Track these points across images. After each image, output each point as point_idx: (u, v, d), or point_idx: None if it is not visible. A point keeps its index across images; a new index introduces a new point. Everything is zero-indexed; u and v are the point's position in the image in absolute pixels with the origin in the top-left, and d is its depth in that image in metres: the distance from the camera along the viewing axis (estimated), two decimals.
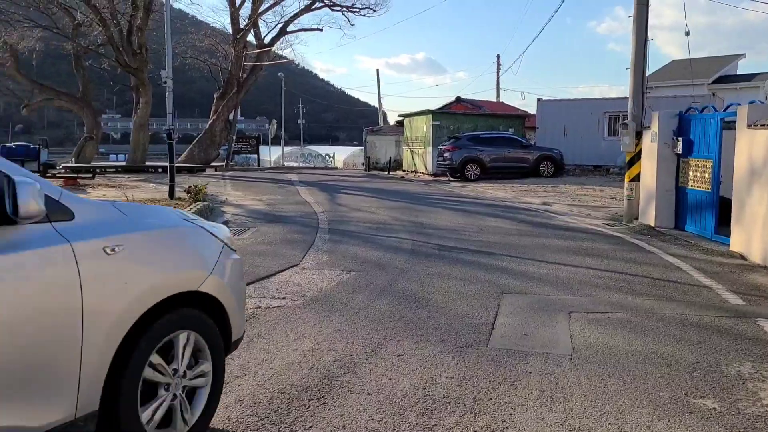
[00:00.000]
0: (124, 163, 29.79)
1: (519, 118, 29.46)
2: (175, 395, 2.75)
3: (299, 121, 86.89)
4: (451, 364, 4.04)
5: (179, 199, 13.26)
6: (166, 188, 14.93)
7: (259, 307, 5.28)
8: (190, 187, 13.02)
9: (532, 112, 31.95)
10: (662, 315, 5.26)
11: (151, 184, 18.67)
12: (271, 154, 53.82)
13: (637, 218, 11.22)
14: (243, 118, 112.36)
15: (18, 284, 2.18)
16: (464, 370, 3.94)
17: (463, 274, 6.78)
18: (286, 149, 68.23)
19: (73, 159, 30.24)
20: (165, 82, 13.54)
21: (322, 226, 10.63)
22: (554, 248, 8.56)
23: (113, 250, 2.50)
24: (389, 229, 10.34)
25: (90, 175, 18.95)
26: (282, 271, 6.78)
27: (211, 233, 3.17)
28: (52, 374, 2.26)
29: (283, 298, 5.64)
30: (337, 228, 10.41)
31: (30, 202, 2.16)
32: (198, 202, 12.18)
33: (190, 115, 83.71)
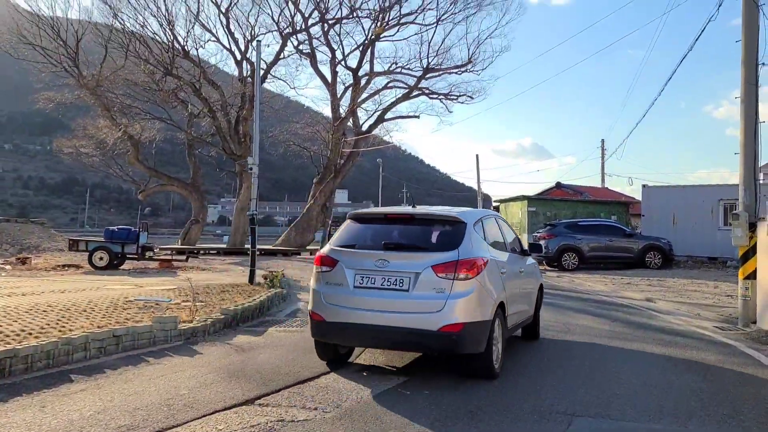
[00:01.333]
0: (224, 246, 30.89)
1: (622, 204, 27.87)
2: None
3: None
4: None
5: (258, 284, 13.13)
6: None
7: (282, 420, 4.67)
8: (266, 273, 12.93)
9: (638, 199, 30.17)
10: None
11: (241, 268, 18.88)
12: None
13: (754, 322, 9.69)
14: (350, 202, 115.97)
15: (531, 275, 8.13)
16: None
17: (528, 388, 5.85)
18: None
19: (180, 241, 31.85)
20: (251, 169, 13.81)
21: None
22: (648, 357, 7.39)
23: (533, 265, 8.37)
24: None
25: (184, 258, 19.58)
26: (326, 373, 6.17)
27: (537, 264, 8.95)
28: (531, 303, 7.93)
29: (315, 408, 5.00)
30: None
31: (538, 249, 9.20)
32: (273, 289, 11.97)
33: (302, 199, 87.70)
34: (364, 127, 32.30)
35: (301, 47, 31.55)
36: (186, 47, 28.83)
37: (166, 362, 6.53)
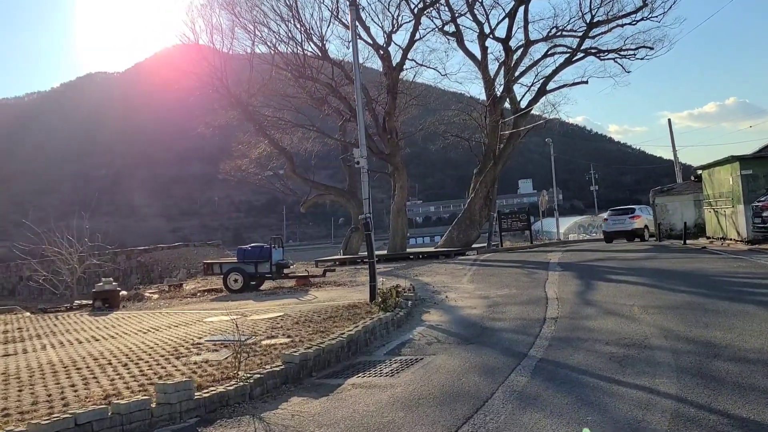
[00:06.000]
0: (384, 252, 29.05)
1: None
2: None
3: (591, 188, 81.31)
4: None
5: (380, 304, 10.56)
6: (400, 283, 12.73)
7: None
8: (382, 290, 10.39)
9: None
10: None
11: (384, 279, 16.41)
12: (559, 226, 49.59)
13: None
14: (535, 190, 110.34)
15: None
16: None
17: None
18: (577, 219, 63.15)
19: (342, 250, 30.70)
20: (358, 163, 11.39)
21: (533, 352, 6.82)
22: None
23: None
24: (645, 360, 6.04)
25: (321, 273, 17.71)
26: None
27: None
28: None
29: None
30: (553, 359, 6.47)
31: None
32: (382, 312, 9.33)
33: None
34: (523, 104, 28.44)
35: (446, 28, 28.68)
36: (324, 48, 27.48)
37: None
